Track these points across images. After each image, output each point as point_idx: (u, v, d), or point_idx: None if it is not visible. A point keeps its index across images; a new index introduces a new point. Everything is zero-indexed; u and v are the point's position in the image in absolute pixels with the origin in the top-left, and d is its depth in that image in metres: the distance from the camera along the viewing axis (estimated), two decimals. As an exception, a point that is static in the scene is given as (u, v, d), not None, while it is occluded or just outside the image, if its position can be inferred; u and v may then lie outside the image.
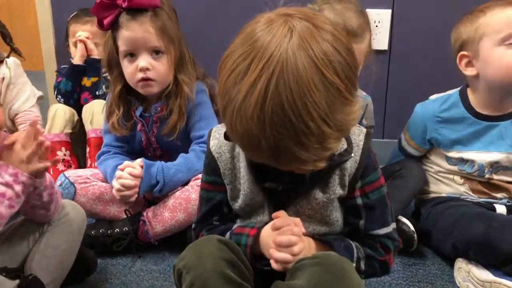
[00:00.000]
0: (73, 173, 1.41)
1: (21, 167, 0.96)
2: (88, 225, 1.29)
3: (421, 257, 1.33)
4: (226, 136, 0.85)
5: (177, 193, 1.36)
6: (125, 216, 1.37)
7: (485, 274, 1.15)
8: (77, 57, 1.76)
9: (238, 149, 0.93)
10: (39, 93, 1.81)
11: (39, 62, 2.19)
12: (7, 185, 0.94)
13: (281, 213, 0.89)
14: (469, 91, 1.34)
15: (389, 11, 1.85)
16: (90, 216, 1.38)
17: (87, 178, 1.40)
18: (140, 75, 1.35)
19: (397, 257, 1.30)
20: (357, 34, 1.26)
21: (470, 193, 1.35)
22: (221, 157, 0.94)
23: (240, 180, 0.94)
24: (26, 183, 0.96)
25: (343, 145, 0.87)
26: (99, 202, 1.39)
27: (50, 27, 2.11)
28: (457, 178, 1.37)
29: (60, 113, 1.72)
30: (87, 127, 1.69)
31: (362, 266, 0.92)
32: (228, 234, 0.94)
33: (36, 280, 1.03)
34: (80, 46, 1.76)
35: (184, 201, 1.33)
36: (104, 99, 1.61)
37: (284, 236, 0.84)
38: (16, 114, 1.71)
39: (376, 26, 1.82)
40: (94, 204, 1.38)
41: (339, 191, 0.91)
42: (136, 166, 1.34)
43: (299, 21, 0.73)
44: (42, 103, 1.84)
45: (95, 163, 1.52)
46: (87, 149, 1.68)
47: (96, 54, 1.77)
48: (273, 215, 0.89)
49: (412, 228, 1.29)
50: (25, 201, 0.99)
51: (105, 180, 1.43)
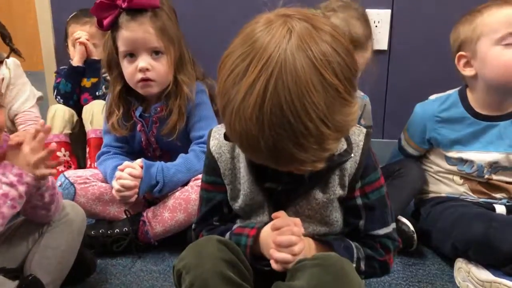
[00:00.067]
0: (73, 174, 1.41)
1: (26, 169, 0.96)
2: (88, 226, 1.29)
3: (421, 257, 1.33)
4: (226, 137, 0.85)
5: (177, 194, 1.36)
6: (125, 217, 1.37)
7: (485, 274, 1.15)
8: (76, 59, 1.76)
9: (238, 150, 0.93)
10: (39, 94, 1.82)
11: (39, 63, 2.20)
12: (11, 185, 0.94)
13: (281, 213, 0.89)
14: (468, 91, 1.34)
15: (389, 11, 1.85)
16: (90, 217, 1.38)
17: (87, 179, 1.40)
18: (140, 75, 1.35)
19: (397, 257, 1.30)
20: (362, 42, 1.27)
21: (470, 193, 1.35)
22: (221, 157, 0.94)
23: (240, 180, 0.94)
24: (31, 184, 0.96)
25: (343, 145, 0.87)
26: (99, 202, 1.39)
27: (50, 27, 2.11)
28: (456, 178, 1.37)
29: (60, 113, 1.72)
30: (87, 127, 1.69)
31: (362, 266, 0.92)
32: (228, 234, 0.94)
33: (36, 281, 1.03)
34: (79, 47, 1.75)
35: (184, 202, 1.33)
36: (104, 99, 1.60)
37: (284, 236, 0.84)
38: (16, 115, 1.72)
39: (376, 26, 1.82)
40: (94, 204, 1.38)
41: (339, 191, 0.91)
42: (136, 166, 1.33)
43: (298, 22, 0.73)
44: (42, 104, 1.85)
45: (95, 163, 1.52)
46: (87, 150, 1.68)
47: (95, 55, 1.77)
48: (273, 215, 0.89)
49: (411, 228, 1.29)
50: (26, 201, 0.98)
51: (105, 180, 1.42)
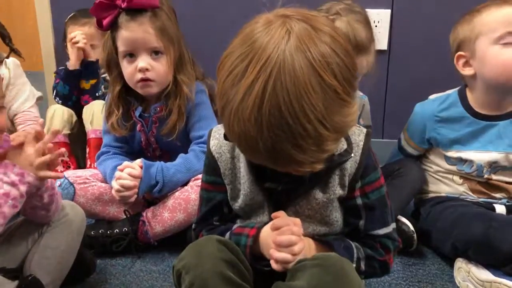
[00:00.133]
0: (72, 174, 1.41)
1: (29, 170, 0.96)
2: (88, 226, 1.29)
3: (421, 257, 1.33)
4: (226, 136, 0.85)
5: (177, 194, 1.35)
6: (124, 217, 1.37)
7: (485, 274, 1.15)
8: (72, 61, 1.75)
9: (238, 149, 0.93)
10: (38, 94, 1.82)
11: (39, 63, 2.20)
12: (12, 184, 0.94)
13: (281, 213, 0.89)
14: (468, 91, 1.34)
15: (389, 11, 1.85)
16: (90, 217, 1.38)
17: (86, 179, 1.40)
18: (140, 75, 1.35)
19: (397, 257, 1.30)
20: (366, 45, 1.27)
21: (470, 193, 1.35)
22: (221, 157, 0.94)
23: (240, 180, 0.94)
24: (32, 184, 0.96)
25: (343, 145, 0.87)
26: (98, 202, 1.39)
27: (49, 27, 2.11)
28: (456, 178, 1.37)
29: (59, 114, 1.72)
30: (87, 127, 1.69)
31: (362, 266, 0.92)
32: (227, 234, 0.94)
33: (36, 281, 1.03)
34: (75, 50, 1.74)
35: (184, 202, 1.33)
36: (104, 99, 1.60)
37: (284, 236, 0.84)
38: (15, 114, 1.72)
39: (376, 26, 1.82)
40: (94, 204, 1.38)
41: (339, 191, 0.91)
42: (135, 166, 1.33)
43: (297, 23, 0.73)
44: (41, 104, 1.85)
45: (95, 163, 1.52)
46: (87, 150, 1.68)
47: (93, 56, 1.76)
48: (273, 215, 0.89)
49: (411, 228, 1.29)
50: (26, 202, 0.98)
51: (104, 180, 1.42)
